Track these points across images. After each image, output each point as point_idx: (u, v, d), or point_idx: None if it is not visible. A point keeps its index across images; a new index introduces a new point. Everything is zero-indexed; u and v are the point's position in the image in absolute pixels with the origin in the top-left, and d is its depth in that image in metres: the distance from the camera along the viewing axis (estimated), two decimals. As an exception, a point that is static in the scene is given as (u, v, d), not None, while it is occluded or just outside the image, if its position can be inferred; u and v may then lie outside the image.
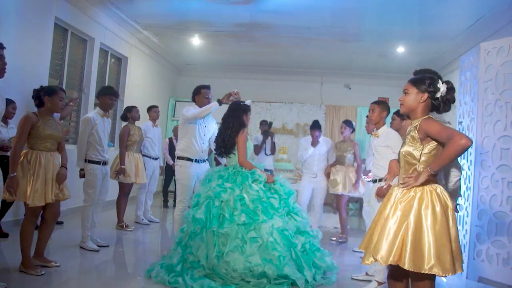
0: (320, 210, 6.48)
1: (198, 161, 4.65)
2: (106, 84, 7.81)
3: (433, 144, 2.40)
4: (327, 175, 6.33)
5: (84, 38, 7.04)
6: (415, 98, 2.47)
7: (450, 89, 2.48)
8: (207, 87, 4.76)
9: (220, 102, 4.54)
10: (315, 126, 6.25)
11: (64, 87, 6.53)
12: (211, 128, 4.82)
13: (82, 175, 4.69)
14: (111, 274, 4.26)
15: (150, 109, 6.87)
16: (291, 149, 10.10)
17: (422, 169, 2.39)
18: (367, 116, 5.22)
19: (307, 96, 10.90)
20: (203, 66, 10.62)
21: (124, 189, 6.03)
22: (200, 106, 4.64)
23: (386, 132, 4.12)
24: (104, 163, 4.77)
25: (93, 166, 4.64)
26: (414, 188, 2.36)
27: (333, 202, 9.23)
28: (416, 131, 2.42)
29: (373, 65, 9.97)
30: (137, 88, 8.93)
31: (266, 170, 6.89)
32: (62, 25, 6.34)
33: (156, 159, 6.73)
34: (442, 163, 2.34)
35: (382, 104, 4.24)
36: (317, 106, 10.75)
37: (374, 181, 4.13)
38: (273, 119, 10.13)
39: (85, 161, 4.64)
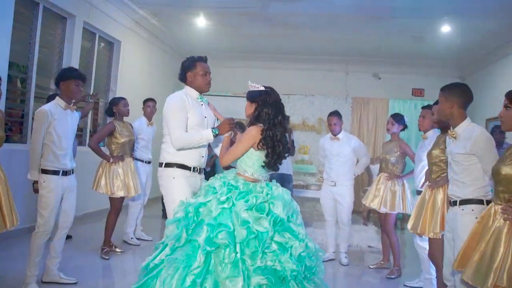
0: (347, 228, 5.13)
1: (197, 171, 3.17)
2: (93, 72, 6.62)
3: None
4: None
5: (61, 15, 5.78)
6: None
7: None
8: (204, 60, 3.24)
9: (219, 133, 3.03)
10: (333, 112, 5.08)
11: (34, 74, 5.33)
12: (211, 119, 3.29)
13: (36, 190, 3.45)
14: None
15: (144, 103, 5.59)
16: (313, 148, 8.69)
17: None
18: (431, 106, 3.83)
19: (330, 87, 9.56)
20: (211, 53, 9.26)
21: (116, 204, 4.76)
22: (196, 88, 3.18)
23: (469, 130, 2.71)
24: (66, 173, 3.51)
25: (48, 177, 3.39)
26: None
27: (364, 211, 7.88)
28: None
29: (406, 49, 8.63)
30: (133, 78, 7.66)
31: (284, 174, 5.63)
32: (29, -4, 5.10)
33: (149, 163, 5.45)
34: None
35: (454, 88, 2.83)
36: (342, 99, 9.36)
37: (454, 202, 2.75)
38: (292, 113, 8.77)
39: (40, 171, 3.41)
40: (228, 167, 3.39)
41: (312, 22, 7.34)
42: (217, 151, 3.25)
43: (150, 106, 5.51)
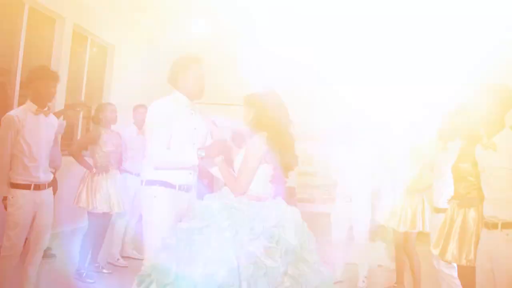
0: (365, 248, 4.65)
1: (183, 189, 2.70)
2: (85, 79, 6.27)
3: None
4: None
5: (50, 16, 5.45)
6: None
7: None
8: (200, 61, 2.83)
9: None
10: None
11: (18, 79, 4.97)
12: (203, 131, 2.88)
13: (6, 207, 3.05)
14: None
15: (134, 109, 5.18)
16: (317, 159, 8.30)
17: None
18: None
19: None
20: (211, 58, 8.81)
21: (94, 222, 4.24)
22: (187, 93, 2.78)
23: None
24: (39, 187, 3.10)
25: (17, 192, 2.99)
26: None
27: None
28: None
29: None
30: (128, 86, 7.27)
31: (286, 187, 5.17)
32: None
33: (139, 175, 5.04)
34: None
35: (503, 88, 2.38)
36: (347, 107, 8.98)
37: (494, 225, 2.30)
38: (294, 121, 8.38)
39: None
40: None
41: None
42: (214, 171, 2.80)
43: (141, 113, 5.10)
